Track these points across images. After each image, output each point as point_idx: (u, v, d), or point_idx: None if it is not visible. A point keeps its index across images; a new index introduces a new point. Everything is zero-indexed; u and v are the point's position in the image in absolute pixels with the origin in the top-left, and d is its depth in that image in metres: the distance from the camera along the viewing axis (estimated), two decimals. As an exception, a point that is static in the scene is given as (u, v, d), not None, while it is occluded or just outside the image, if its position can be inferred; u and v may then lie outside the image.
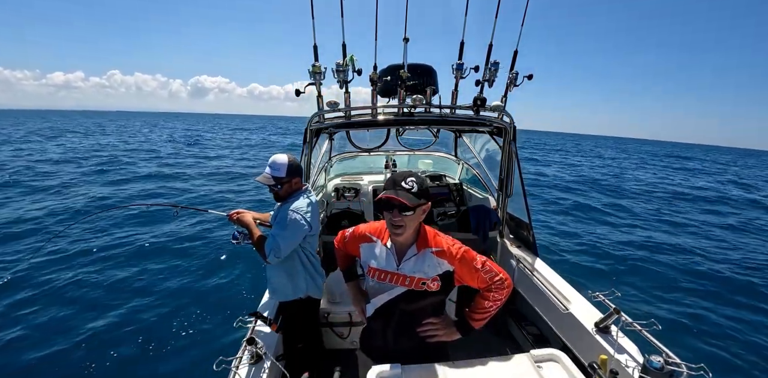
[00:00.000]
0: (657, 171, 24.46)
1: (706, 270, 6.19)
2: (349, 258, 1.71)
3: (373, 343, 1.61)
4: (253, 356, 1.72)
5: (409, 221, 1.33)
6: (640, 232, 8.44)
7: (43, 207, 8.41)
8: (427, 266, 1.39)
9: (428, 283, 1.39)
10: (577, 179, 16.83)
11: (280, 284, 2.14)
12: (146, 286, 4.99)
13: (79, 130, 38.27)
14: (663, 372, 1.47)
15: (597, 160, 30.83)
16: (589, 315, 2.12)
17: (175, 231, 7.14)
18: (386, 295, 1.46)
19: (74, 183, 11.27)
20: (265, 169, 2.01)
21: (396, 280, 1.43)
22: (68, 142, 24.38)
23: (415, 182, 1.31)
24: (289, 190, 2.05)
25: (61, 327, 3.96)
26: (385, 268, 1.45)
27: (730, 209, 12.17)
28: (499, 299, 1.40)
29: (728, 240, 8.27)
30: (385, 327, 1.53)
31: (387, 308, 1.48)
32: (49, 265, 5.42)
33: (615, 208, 10.97)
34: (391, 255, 1.44)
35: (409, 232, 1.37)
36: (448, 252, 1.39)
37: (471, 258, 1.39)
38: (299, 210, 1.97)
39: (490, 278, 1.38)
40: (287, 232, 1.93)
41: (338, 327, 2.55)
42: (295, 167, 2.02)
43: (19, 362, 3.41)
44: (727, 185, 18.95)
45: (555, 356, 1.44)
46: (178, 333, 3.97)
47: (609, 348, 1.83)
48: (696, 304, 4.96)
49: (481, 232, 3.21)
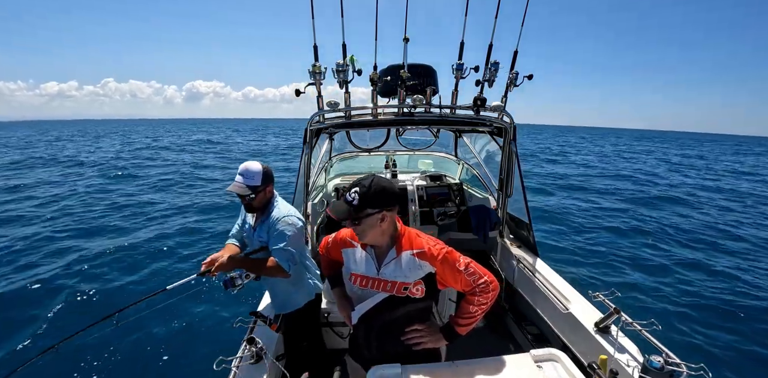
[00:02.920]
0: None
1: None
2: (333, 264, 1.66)
3: (359, 352, 1.58)
4: (253, 356, 1.72)
5: (362, 231, 1.33)
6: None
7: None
8: (408, 269, 1.35)
9: (411, 288, 1.35)
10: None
11: (286, 295, 2.11)
12: (146, 286, 4.99)
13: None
14: (663, 372, 1.47)
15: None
16: (589, 315, 2.12)
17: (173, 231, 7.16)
18: (369, 302, 1.42)
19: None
20: (236, 178, 1.88)
21: (377, 285, 1.39)
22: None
23: (358, 193, 1.26)
24: (263, 199, 1.96)
25: (61, 327, 3.97)
26: (366, 273, 1.42)
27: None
28: (485, 303, 1.36)
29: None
30: (368, 335, 1.50)
31: (370, 316, 1.45)
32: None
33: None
34: (371, 260, 1.41)
35: (372, 238, 1.35)
36: (429, 253, 1.34)
37: (453, 259, 1.34)
38: (292, 215, 1.94)
39: (474, 281, 1.33)
40: (293, 241, 1.90)
41: (338, 327, 2.55)
42: (269, 174, 1.94)
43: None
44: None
45: (555, 356, 1.44)
46: (177, 333, 3.97)
47: (609, 348, 1.83)
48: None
49: (481, 232, 3.21)
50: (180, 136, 42.53)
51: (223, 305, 4.51)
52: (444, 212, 3.55)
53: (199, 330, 4.05)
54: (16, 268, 5.47)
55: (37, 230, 7.25)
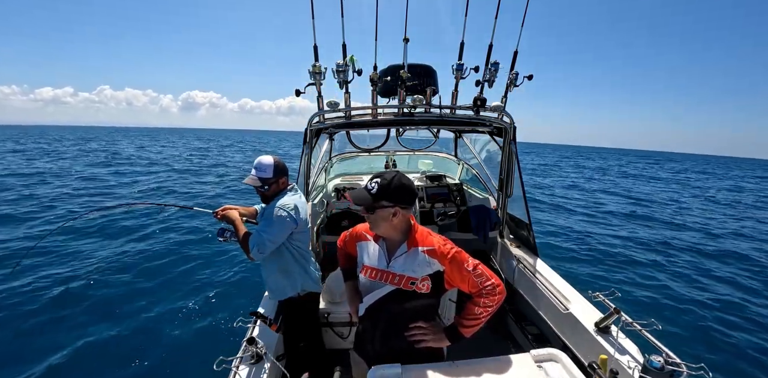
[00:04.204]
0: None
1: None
2: (349, 257, 1.71)
3: (363, 345, 1.60)
4: (253, 356, 1.72)
5: (374, 221, 1.38)
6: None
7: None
8: (417, 265, 1.38)
9: (418, 283, 1.38)
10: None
11: (276, 283, 2.15)
12: (145, 287, 4.99)
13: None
14: (663, 372, 1.47)
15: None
16: (589, 315, 2.12)
17: (171, 230, 7.16)
18: (376, 293, 1.46)
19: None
20: (251, 172, 2.01)
21: (386, 278, 1.43)
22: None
23: (378, 183, 1.32)
24: (276, 190, 2.07)
25: (58, 327, 3.97)
26: (376, 266, 1.46)
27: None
28: (490, 306, 1.35)
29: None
30: (374, 328, 1.52)
31: (376, 308, 1.47)
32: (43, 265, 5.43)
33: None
34: (383, 253, 1.45)
35: (383, 230, 1.40)
36: (439, 251, 1.37)
37: (462, 259, 1.36)
38: (285, 207, 1.98)
39: (481, 283, 1.35)
40: (273, 229, 1.95)
41: (338, 327, 2.55)
42: (281, 167, 2.04)
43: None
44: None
45: (555, 356, 1.44)
46: (177, 333, 3.97)
47: (609, 348, 1.83)
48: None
49: (481, 233, 3.21)
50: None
51: (223, 305, 4.52)
52: (444, 212, 3.56)
53: (199, 330, 4.04)
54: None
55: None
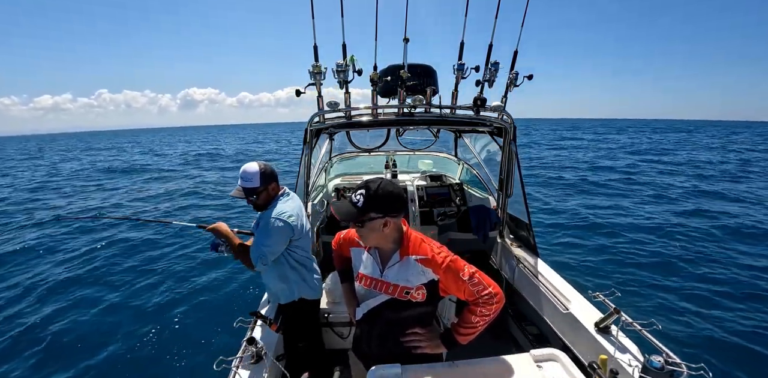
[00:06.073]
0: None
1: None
2: (344, 259, 1.68)
3: (361, 348, 1.59)
4: (253, 356, 1.72)
5: (364, 234, 1.33)
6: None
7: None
8: (411, 274, 1.34)
9: (412, 292, 1.34)
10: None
11: (277, 288, 2.12)
12: (145, 286, 4.99)
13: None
14: (663, 372, 1.47)
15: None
16: (589, 315, 2.12)
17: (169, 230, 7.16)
18: (372, 302, 1.43)
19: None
20: (237, 182, 1.92)
21: (380, 287, 1.40)
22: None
23: (363, 195, 1.24)
24: (268, 198, 1.98)
25: (57, 327, 3.97)
26: (370, 274, 1.42)
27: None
28: (487, 315, 1.32)
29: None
30: (371, 332, 1.51)
31: (373, 314, 1.46)
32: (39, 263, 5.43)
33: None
34: (376, 261, 1.42)
35: (374, 241, 1.36)
36: (433, 260, 1.32)
37: (458, 268, 1.30)
38: (281, 215, 1.92)
39: (478, 292, 1.29)
40: (271, 240, 1.89)
41: (338, 327, 2.55)
42: (269, 173, 1.94)
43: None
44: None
45: (555, 356, 1.44)
46: (177, 333, 3.97)
47: (609, 348, 1.83)
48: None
49: (481, 233, 3.21)
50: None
51: (223, 305, 4.52)
52: (444, 212, 3.55)
53: (199, 330, 4.05)
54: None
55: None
